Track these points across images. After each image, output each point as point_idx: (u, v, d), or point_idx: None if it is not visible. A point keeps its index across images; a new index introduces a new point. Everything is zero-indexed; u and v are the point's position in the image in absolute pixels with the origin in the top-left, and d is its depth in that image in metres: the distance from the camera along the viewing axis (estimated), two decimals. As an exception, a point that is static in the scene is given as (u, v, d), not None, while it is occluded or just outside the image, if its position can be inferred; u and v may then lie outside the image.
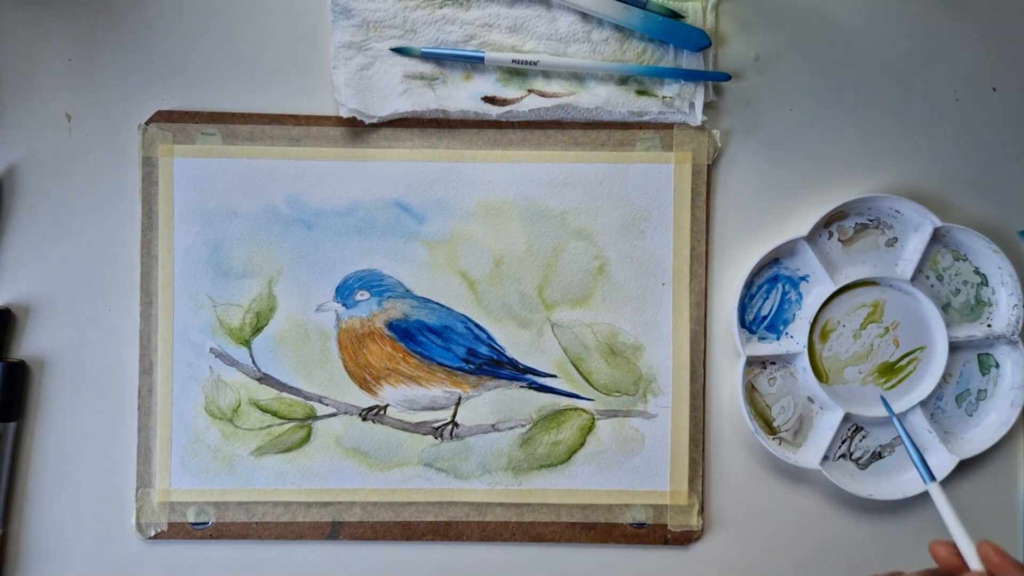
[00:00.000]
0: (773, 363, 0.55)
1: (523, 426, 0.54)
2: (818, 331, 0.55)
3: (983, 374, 0.56)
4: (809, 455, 0.54)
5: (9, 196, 0.54)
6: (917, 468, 0.48)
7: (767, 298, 0.55)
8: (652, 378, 0.54)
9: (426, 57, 0.53)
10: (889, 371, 0.55)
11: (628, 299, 0.54)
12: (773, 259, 0.55)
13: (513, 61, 0.53)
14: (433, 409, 0.54)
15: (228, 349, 0.54)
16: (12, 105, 0.54)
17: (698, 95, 0.54)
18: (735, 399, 0.54)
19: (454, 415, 0.54)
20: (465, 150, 0.54)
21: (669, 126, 0.54)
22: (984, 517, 0.55)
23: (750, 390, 0.55)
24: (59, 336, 0.54)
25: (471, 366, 0.54)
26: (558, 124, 0.54)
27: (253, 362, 0.54)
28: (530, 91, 0.54)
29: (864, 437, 0.55)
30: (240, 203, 0.54)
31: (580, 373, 0.54)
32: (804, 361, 0.54)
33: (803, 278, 0.55)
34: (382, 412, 0.54)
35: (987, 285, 0.55)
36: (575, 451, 0.54)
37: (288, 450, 0.54)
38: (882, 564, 0.55)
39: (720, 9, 0.55)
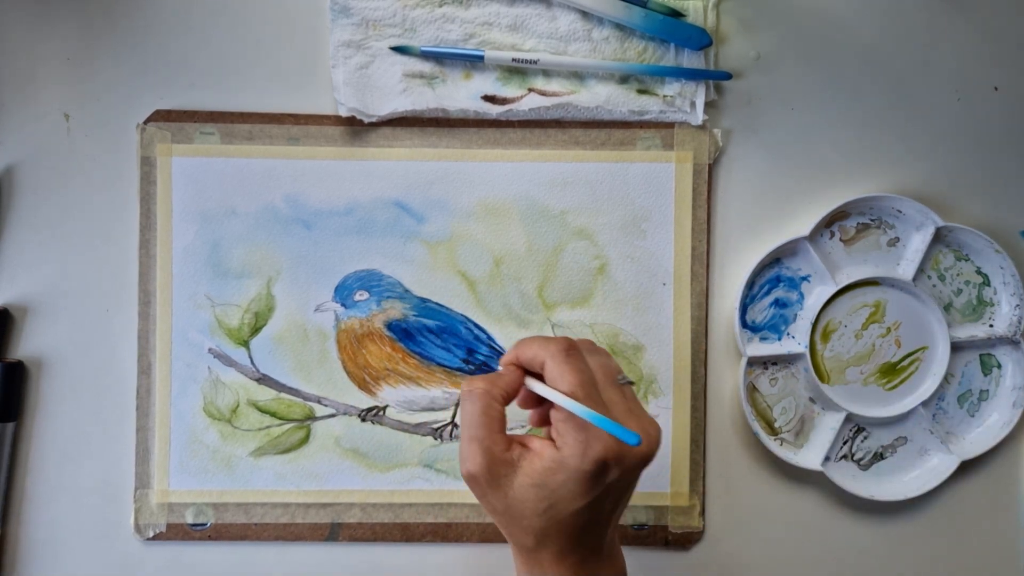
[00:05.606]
0: (774, 363, 0.55)
1: (523, 427, 0.54)
2: (820, 331, 0.54)
3: (985, 375, 0.55)
4: (810, 456, 0.54)
5: (7, 196, 0.53)
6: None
7: (767, 298, 0.55)
8: (653, 379, 0.54)
9: (426, 56, 0.53)
10: (891, 371, 0.55)
11: (629, 299, 0.54)
12: (774, 259, 0.54)
13: (513, 60, 0.53)
14: (433, 410, 0.54)
15: (227, 349, 0.54)
16: (10, 104, 0.53)
17: (699, 94, 0.54)
18: (736, 400, 0.54)
19: (454, 416, 0.54)
20: (465, 149, 0.54)
21: (670, 125, 0.54)
22: (986, 518, 0.55)
23: (751, 391, 0.55)
24: (57, 336, 0.53)
25: (471, 367, 0.54)
26: (558, 123, 0.54)
27: (252, 362, 0.54)
28: (530, 90, 0.54)
29: (866, 438, 0.55)
30: (239, 203, 0.54)
31: (580, 373, 0.54)
32: (806, 361, 0.54)
33: (804, 278, 0.55)
34: (381, 413, 0.54)
35: (989, 285, 0.55)
36: (575, 452, 0.54)
37: (287, 451, 0.54)
38: (884, 565, 0.55)
39: (721, 8, 0.54)
